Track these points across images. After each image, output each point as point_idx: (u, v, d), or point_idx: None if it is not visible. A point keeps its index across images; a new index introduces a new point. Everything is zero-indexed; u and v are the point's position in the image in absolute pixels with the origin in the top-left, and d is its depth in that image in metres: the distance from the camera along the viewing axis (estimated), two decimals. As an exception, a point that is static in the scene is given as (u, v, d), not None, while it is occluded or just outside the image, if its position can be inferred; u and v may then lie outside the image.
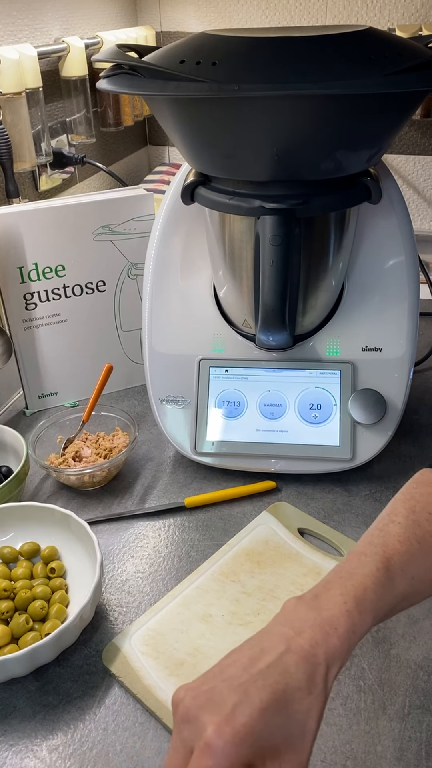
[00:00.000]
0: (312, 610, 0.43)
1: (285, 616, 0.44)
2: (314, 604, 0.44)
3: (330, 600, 0.44)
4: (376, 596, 0.44)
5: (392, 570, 0.46)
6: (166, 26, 1.47)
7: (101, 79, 0.62)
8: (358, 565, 0.46)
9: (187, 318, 0.83)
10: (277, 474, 0.82)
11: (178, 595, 0.67)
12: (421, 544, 0.48)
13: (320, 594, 0.44)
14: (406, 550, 0.47)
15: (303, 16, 1.37)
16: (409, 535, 0.48)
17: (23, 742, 0.56)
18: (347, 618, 0.42)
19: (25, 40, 1.10)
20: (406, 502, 0.51)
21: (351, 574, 0.45)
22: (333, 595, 0.44)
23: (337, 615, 0.43)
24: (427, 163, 1.46)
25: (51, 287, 0.92)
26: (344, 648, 0.42)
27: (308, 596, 0.45)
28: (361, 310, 0.80)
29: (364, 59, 0.55)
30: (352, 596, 0.44)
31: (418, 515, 0.49)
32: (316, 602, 0.44)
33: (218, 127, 0.60)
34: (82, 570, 0.67)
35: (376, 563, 0.46)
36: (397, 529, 0.49)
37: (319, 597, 0.44)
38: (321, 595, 0.44)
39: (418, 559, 0.47)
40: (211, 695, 0.40)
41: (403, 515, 0.50)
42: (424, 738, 0.54)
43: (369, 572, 0.45)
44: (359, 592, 0.44)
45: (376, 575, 0.45)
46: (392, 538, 0.48)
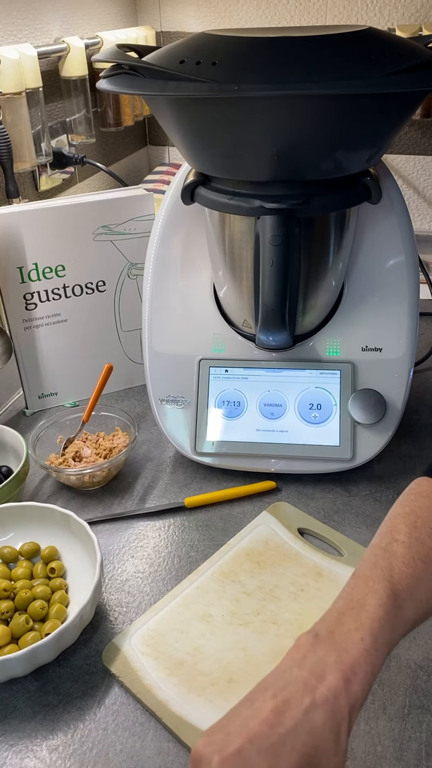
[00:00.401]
0: (331, 650, 0.42)
1: (302, 656, 0.42)
2: (331, 643, 0.42)
3: (347, 637, 0.42)
4: (390, 626, 0.43)
5: (401, 597, 0.45)
6: (166, 26, 1.47)
7: (101, 79, 0.62)
8: (367, 592, 0.45)
9: (187, 318, 0.83)
10: (277, 474, 0.82)
11: (178, 595, 0.67)
12: (425, 563, 0.47)
13: (335, 630, 0.43)
14: (411, 573, 0.46)
15: (303, 16, 1.37)
16: (413, 555, 0.47)
17: (23, 742, 0.56)
18: (366, 658, 0.41)
19: (25, 40, 1.10)
20: (407, 517, 0.50)
21: (362, 605, 0.44)
22: (348, 631, 0.43)
23: (357, 656, 0.41)
24: (427, 163, 1.46)
25: (51, 287, 0.92)
26: (365, 693, 0.41)
27: (323, 632, 0.43)
28: (361, 310, 0.80)
29: (364, 59, 0.55)
30: (368, 631, 0.42)
31: (420, 531, 0.49)
32: (332, 641, 0.42)
33: (218, 127, 0.60)
34: (82, 570, 0.67)
35: (386, 590, 0.45)
36: (401, 549, 0.48)
37: (334, 634, 0.43)
38: (336, 631, 0.43)
39: (424, 580, 0.46)
40: (240, 760, 0.38)
41: (405, 533, 0.49)
42: (424, 738, 0.54)
43: (380, 601, 0.44)
44: (375, 627, 0.43)
45: (387, 604, 0.44)
46: (397, 560, 0.47)
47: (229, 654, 0.60)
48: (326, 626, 0.44)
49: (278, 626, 0.63)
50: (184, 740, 0.54)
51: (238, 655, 0.60)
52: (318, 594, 0.66)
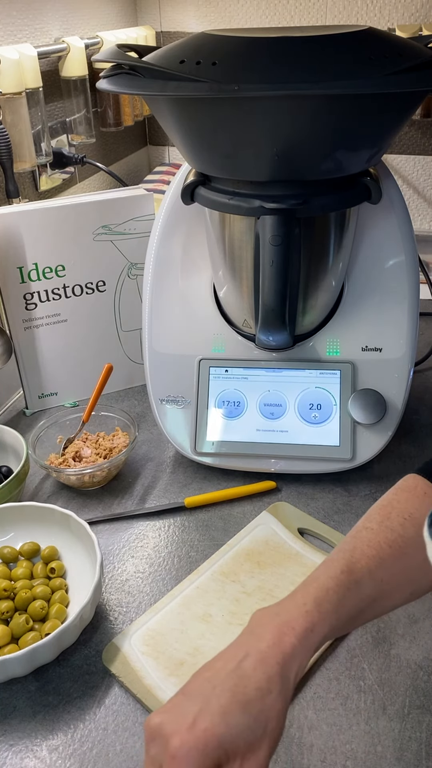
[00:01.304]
0: (273, 615, 0.45)
1: (249, 626, 0.45)
2: (276, 610, 0.45)
3: (291, 604, 0.45)
4: (338, 596, 0.45)
5: (357, 572, 0.46)
6: (166, 26, 1.47)
7: (101, 79, 0.62)
8: (323, 570, 0.47)
9: (187, 318, 0.83)
10: (277, 474, 0.82)
11: (178, 595, 0.67)
12: (392, 548, 0.48)
13: (284, 601, 0.46)
14: (375, 554, 0.47)
15: (303, 16, 1.37)
16: (380, 540, 0.48)
17: (23, 742, 0.56)
18: (305, 617, 0.44)
19: (25, 40, 1.10)
20: (383, 509, 0.51)
21: (315, 579, 0.47)
22: (294, 599, 0.45)
23: (296, 616, 0.44)
24: (427, 163, 1.46)
25: (51, 287, 0.92)
26: (303, 646, 0.43)
27: (273, 605, 0.46)
28: (361, 310, 0.80)
29: (364, 59, 0.55)
30: (312, 598, 0.45)
31: (392, 521, 0.50)
32: (278, 608, 0.45)
33: (218, 127, 0.60)
34: (82, 570, 0.67)
35: (341, 566, 0.47)
36: (368, 534, 0.49)
37: (281, 604, 0.46)
38: (284, 602, 0.46)
39: (389, 562, 0.47)
40: (173, 710, 0.41)
41: (377, 521, 0.50)
42: (424, 738, 0.54)
43: (333, 575, 0.46)
44: (320, 594, 0.45)
45: (339, 577, 0.46)
46: (361, 543, 0.48)
47: (229, 654, 0.60)
48: (278, 602, 0.47)
49: (278, 626, 0.63)
50: (184, 740, 0.54)
51: (238, 655, 0.60)
52: (318, 594, 0.66)
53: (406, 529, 0.49)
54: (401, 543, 0.48)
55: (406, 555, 0.48)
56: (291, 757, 0.53)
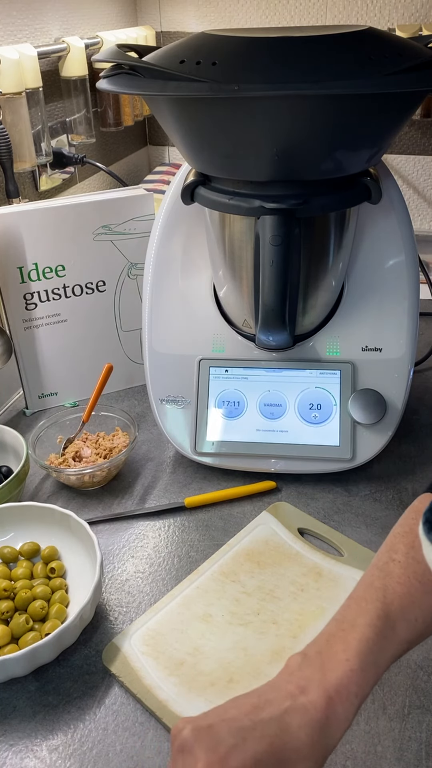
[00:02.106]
0: (317, 669, 0.43)
1: (290, 674, 0.44)
2: (318, 662, 0.43)
3: (333, 658, 0.43)
4: (378, 647, 0.43)
5: (393, 616, 0.45)
6: (166, 26, 1.47)
7: (101, 79, 0.62)
8: (359, 613, 0.45)
9: (187, 318, 0.83)
10: (277, 474, 0.82)
11: (178, 595, 0.67)
12: (421, 582, 0.46)
13: (323, 650, 0.44)
14: (406, 592, 0.46)
15: (303, 16, 1.37)
16: (408, 575, 0.47)
17: (23, 742, 0.56)
18: (350, 679, 0.42)
19: (25, 40, 1.10)
20: (405, 536, 0.50)
21: (352, 625, 0.44)
22: (336, 652, 0.43)
23: (341, 677, 0.42)
24: (427, 163, 1.46)
25: (51, 287, 0.92)
26: (349, 713, 0.42)
27: (312, 653, 0.44)
28: (361, 310, 0.80)
29: (364, 59, 0.55)
30: (354, 653, 0.43)
31: (416, 551, 0.48)
32: (319, 660, 0.43)
33: (218, 127, 0.60)
34: (82, 570, 0.67)
35: (377, 610, 0.45)
36: (397, 569, 0.47)
37: (322, 654, 0.44)
38: (324, 652, 0.44)
39: (419, 599, 0.46)
40: (210, 733, 0.40)
41: (402, 552, 0.48)
42: (424, 738, 0.54)
43: (370, 621, 0.44)
44: (362, 648, 0.43)
45: (377, 624, 0.44)
46: (392, 580, 0.47)
47: (229, 654, 0.60)
48: (315, 647, 0.45)
49: (278, 626, 0.63)
50: (184, 740, 0.54)
51: (238, 655, 0.60)
52: (318, 594, 0.66)
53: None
54: (430, 576, 0.47)
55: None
56: (291, 757, 0.53)
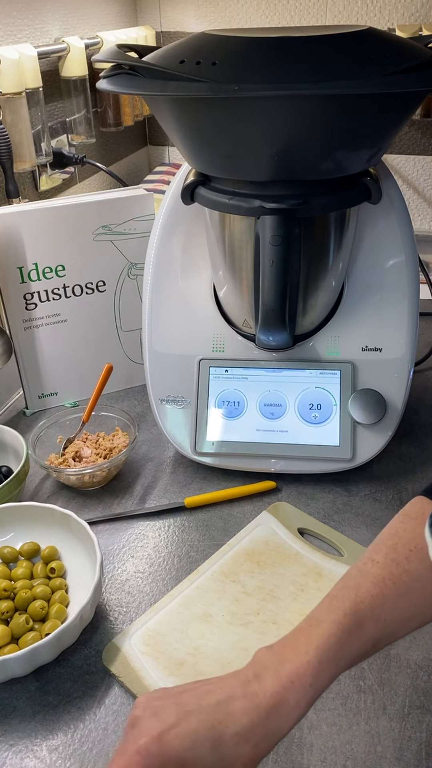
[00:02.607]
0: (275, 660, 0.44)
1: (253, 662, 0.45)
2: (280, 652, 0.45)
3: (294, 650, 0.44)
4: (340, 644, 0.44)
5: (361, 614, 0.45)
6: (166, 26, 1.47)
7: (101, 79, 0.62)
8: (328, 611, 0.46)
9: (187, 318, 0.83)
10: (277, 474, 0.82)
11: (178, 595, 0.67)
12: (396, 584, 0.47)
13: (287, 644, 0.45)
14: (379, 593, 0.46)
15: (303, 16, 1.37)
16: (384, 576, 0.47)
17: (23, 742, 0.56)
18: (306, 670, 0.43)
19: (25, 40, 1.10)
20: (390, 539, 0.50)
21: (319, 621, 0.45)
22: (298, 645, 0.45)
23: (297, 667, 0.43)
24: (427, 163, 1.46)
25: (51, 287, 0.92)
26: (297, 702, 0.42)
27: (277, 646, 0.46)
28: (361, 310, 0.80)
29: (364, 59, 0.55)
30: (314, 646, 0.44)
31: (398, 553, 0.48)
32: (282, 651, 0.45)
33: (218, 127, 0.60)
34: (82, 570, 0.67)
35: (345, 608, 0.46)
36: (374, 569, 0.48)
37: (285, 647, 0.45)
38: (288, 645, 0.45)
39: (392, 600, 0.46)
40: (159, 710, 0.42)
41: (383, 553, 0.49)
42: (424, 738, 0.54)
43: (336, 619, 0.45)
44: (323, 642, 0.44)
45: (343, 621, 0.45)
46: (367, 580, 0.47)
47: (229, 654, 0.60)
48: (282, 641, 0.46)
49: (278, 626, 0.63)
50: (184, 740, 0.54)
51: (238, 655, 0.60)
52: (318, 594, 0.66)
53: (411, 563, 0.47)
54: (406, 578, 0.47)
55: (411, 591, 0.47)
56: (291, 757, 0.53)
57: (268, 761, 0.53)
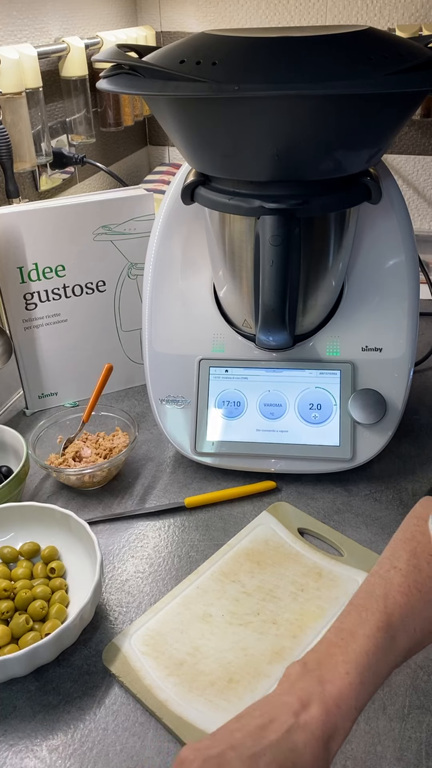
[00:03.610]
0: (316, 682, 0.43)
1: (290, 684, 0.44)
2: (317, 673, 0.43)
3: (333, 670, 0.43)
4: (377, 660, 0.43)
5: (393, 627, 0.45)
6: (166, 26, 1.47)
7: (101, 79, 0.62)
8: (359, 623, 0.45)
9: (187, 318, 0.83)
10: (277, 474, 0.82)
11: (178, 595, 0.67)
12: (421, 592, 0.46)
13: (323, 661, 0.44)
14: (406, 602, 0.46)
15: (303, 16, 1.37)
16: (410, 584, 0.47)
17: (23, 742, 0.56)
18: (349, 692, 0.42)
19: (25, 40, 1.10)
20: (407, 543, 0.49)
21: (352, 635, 0.44)
22: (336, 664, 0.43)
23: (341, 689, 0.42)
24: (427, 163, 1.46)
25: (51, 287, 0.92)
26: (347, 725, 0.42)
27: (312, 663, 0.44)
28: (361, 310, 0.80)
29: (365, 59, 0.55)
30: (354, 665, 0.43)
31: (419, 559, 0.48)
32: (319, 671, 0.43)
33: (218, 127, 0.60)
34: (82, 570, 0.67)
35: (377, 621, 0.45)
36: (398, 577, 0.47)
37: (321, 665, 0.44)
38: (324, 663, 0.44)
39: (419, 609, 0.46)
40: (221, 763, 0.40)
41: (404, 560, 0.48)
42: (424, 738, 0.54)
43: (370, 633, 0.44)
44: (362, 660, 0.43)
45: (377, 636, 0.44)
46: (393, 589, 0.46)
47: (229, 654, 0.61)
48: (315, 657, 0.45)
49: (278, 626, 0.63)
50: (184, 740, 0.54)
51: (238, 655, 0.60)
52: (318, 594, 0.66)
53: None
54: (430, 584, 0.47)
55: None
56: (291, 757, 0.53)
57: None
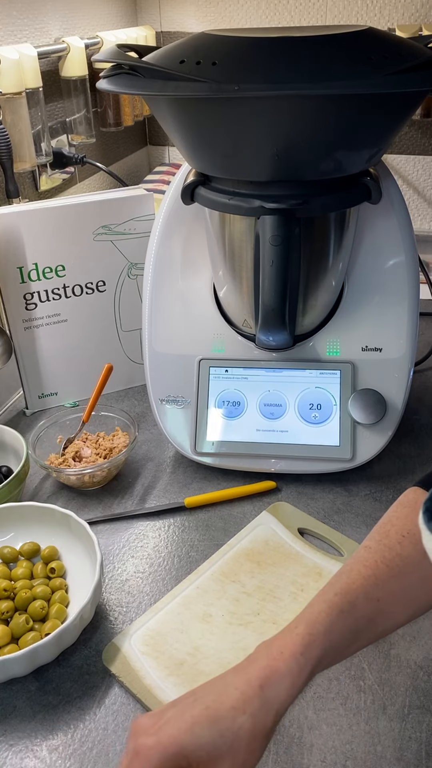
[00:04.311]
0: (268, 644, 0.45)
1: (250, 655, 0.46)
2: (272, 638, 0.46)
3: (285, 631, 0.45)
4: (330, 618, 0.45)
5: (352, 593, 0.46)
6: (166, 26, 1.47)
7: (101, 79, 0.62)
8: (320, 596, 0.47)
9: (187, 318, 0.83)
10: (277, 474, 0.82)
11: (178, 595, 0.67)
12: (389, 567, 0.47)
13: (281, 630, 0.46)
14: (371, 574, 0.47)
15: (303, 16, 1.37)
16: (376, 559, 0.48)
17: (23, 742, 0.56)
18: (294, 640, 0.44)
19: (25, 40, 1.10)
20: (383, 526, 0.51)
21: (310, 604, 0.47)
22: (288, 626, 0.46)
23: (286, 641, 0.44)
24: (427, 163, 1.46)
25: (51, 287, 0.92)
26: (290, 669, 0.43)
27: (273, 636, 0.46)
28: (361, 310, 0.80)
29: (364, 59, 0.55)
30: (303, 621, 0.45)
31: (390, 539, 0.49)
32: (274, 637, 0.46)
33: (218, 127, 0.60)
34: (82, 570, 0.67)
35: (336, 589, 0.47)
36: (365, 553, 0.49)
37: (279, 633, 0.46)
38: (281, 631, 0.46)
39: (384, 582, 0.47)
40: (156, 714, 0.43)
41: (375, 540, 0.50)
42: (424, 738, 0.54)
43: (326, 598, 0.46)
44: (312, 617, 0.45)
45: (333, 600, 0.46)
46: (359, 563, 0.48)
47: (229, 654, 0.61)
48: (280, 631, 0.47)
49: (278, 626, 0.63)
50: (184, 740, 0.54)
51: (238, 655, 0.60)
52: (318, 594, 0.66)
53: (404, 547, 0.48)
54: (398, 562, 0.48)
55: (404, 574, 0.47)
56: (291, 757, 0.53)
57: (268, 760, 0.53)
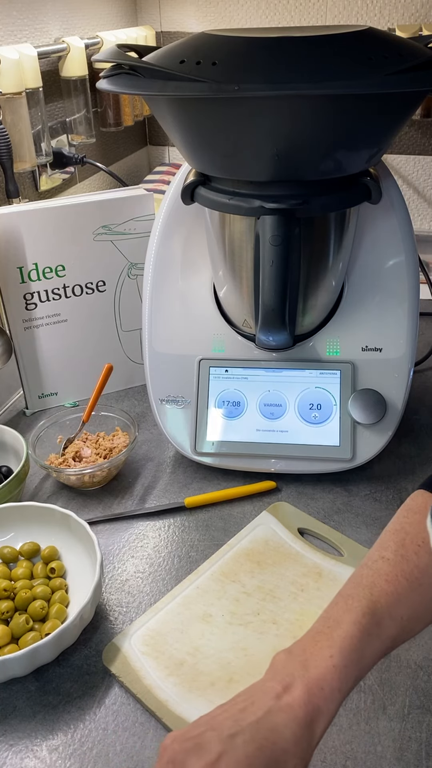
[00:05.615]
0: (300, 666, 0.43)
1: (275, 671, 0.44)
2: (302, 659, 0.44)
3: (317, 655, 0.44)
4: (362, 644, 0.44)
5: (379, 614, 0.45)
6: (166, 26, 1.47)
7: (101, 79, 0.62)
8: (345, 611, 0.46)
9: (187, 318, 0.83)
10: (277, 474, 0.82)
11: (178, 595, 0.67)
12: (409, 581, 0.47)
13: (308, 647, 0.45)
14: (393, 591, 0.46)
15: (303, 16, 1.37)
16: (397, 573, 0.47)
17: (23, 742, 0.56)
18: (332, 675, 0.43)
19: (25, 40, 1.10)
20: (396, 534, 0.50)
21: (338, 623, 0.45)
22: (320, 649, 0.44)
23: (323, 672, 0.43)
24: (427, 163, 1.46)
25: (51, 287, 0.92)
26: (332, 708, 0.42)
27: (297, 650, 0.45)
28: (361, 310, 0.80)
29: (364, 59, 0.55)
30: (338, 649, 0.43)
31: (406, 549, 0.49)
32: (303, 657, 0.44)
33: (218, 127, 0.60)
34: (82, 570, 0.67)
35: (363, 608, 0.45)
36: (385, 566, 0.48)
37: (306, 651, 0.44)
38: (308, 649, 0.44)
39: (406, 597, 0.46)
40: (199, 742, 0.40)
41: (392, 550, 0.49)
42: (424, 738, 0.54)
43: (355, 619, 0.45)
44: (346, 644, 0.44)
45: (362, 622, 0.45)
46: (380, 578, 0.47)
47: (229, 654, 0.61)
48: (301, 645, 0.45)
49: (278, 626, 0.63)
50: (184, 740, 0.54)
51: (238, 655, 0.60)
52: (318, 594, 0.66)
53: (421, 558, 0.48)
54: (417, 573, 0.47)
55: (423, 585, 0.47)
56: (291, 757, 0.53)
57: (268, 761, 0.53)
